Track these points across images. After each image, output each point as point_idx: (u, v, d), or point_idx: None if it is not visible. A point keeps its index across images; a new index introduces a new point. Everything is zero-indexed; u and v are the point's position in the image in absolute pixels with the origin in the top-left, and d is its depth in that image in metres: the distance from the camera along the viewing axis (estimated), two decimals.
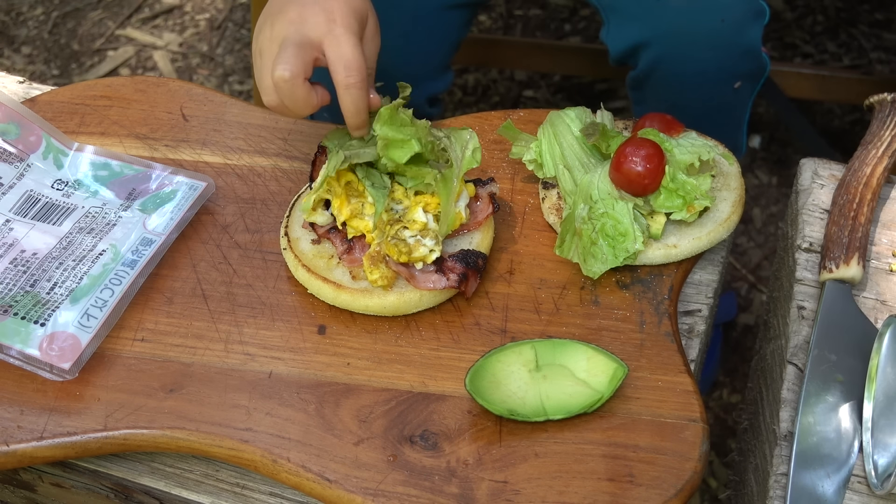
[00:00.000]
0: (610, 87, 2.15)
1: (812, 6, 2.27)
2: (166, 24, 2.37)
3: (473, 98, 2.16)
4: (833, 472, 0.83)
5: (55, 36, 2.36)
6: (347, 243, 0.93)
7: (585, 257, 0.92)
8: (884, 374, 0.84)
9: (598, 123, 0.97)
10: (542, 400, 0.84)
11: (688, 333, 0.94)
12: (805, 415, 0.85)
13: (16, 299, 0.91)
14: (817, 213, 1.01)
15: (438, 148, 0.93)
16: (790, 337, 0.92)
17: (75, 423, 0.85)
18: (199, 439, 0.84)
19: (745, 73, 1.25)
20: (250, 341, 0.91)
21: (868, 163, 0.99)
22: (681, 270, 0.95)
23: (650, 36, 1.22)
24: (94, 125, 1.10)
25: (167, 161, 1.06)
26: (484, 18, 2.30)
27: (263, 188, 1.04)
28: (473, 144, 0.93)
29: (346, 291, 0.91)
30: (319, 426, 0.84)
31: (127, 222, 0.98)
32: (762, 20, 1.23)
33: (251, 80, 2.19)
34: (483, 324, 0.91)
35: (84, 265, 0.94)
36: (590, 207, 0.93)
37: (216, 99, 1.13)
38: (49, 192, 1.01)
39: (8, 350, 0.89)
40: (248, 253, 0.98)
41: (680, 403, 0.84)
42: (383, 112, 0.88)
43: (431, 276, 0.91)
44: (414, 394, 0.86)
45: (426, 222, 0.92)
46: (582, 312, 0.92)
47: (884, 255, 0.97)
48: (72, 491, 0.93)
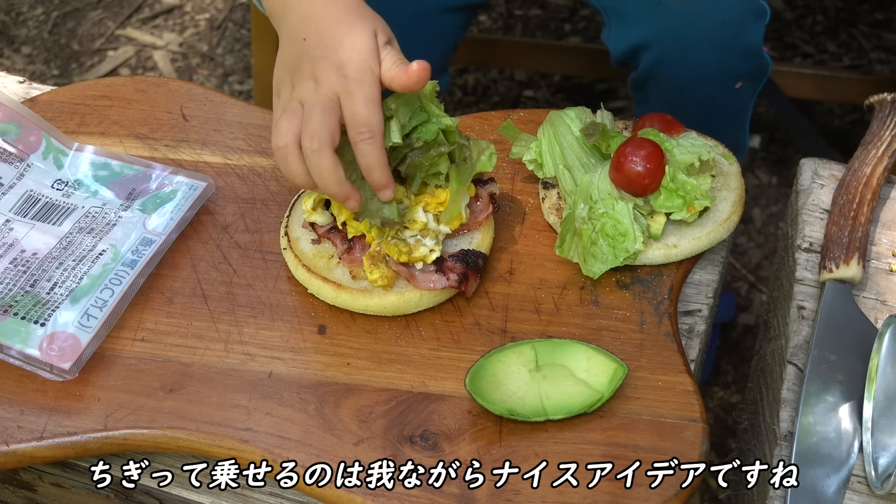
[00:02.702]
0: (610, 87, 2.15)
1: (812, 6, 2.27)
2: (166, 24, 2.37)
3: (473, 98, 2.16)
4: (833, 472, 0.83)
5: (55, 36, 2.36)
6: (347, 243, 0.93)
7: (585, 257, 0.92)
8: (884, 374, 0.84)
9: (598, 123, 0.97)
10: (542, 400, 0.84)
11: (688, 333, 0.94)
12: (805, 415, 0.85)
13: (16, 299, 0.91)
14: (817, 213, 1.01)
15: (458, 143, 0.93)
16: (790, 337, 0.92)
17: (75, 423, 0.85)
18: (199, 439, 0.84)
19: (746, 73, 1.25)
20: (250, 341, 0.91)
21: (868, 163, 0.99)
22: (681, 270, 0.95)
23: (651, 37, 1.22)
24: (94, 125, 1.10)
25: (167, 161, 1.06)
26: (484, 18, 2.30)
27: (263, 188, 1.04)
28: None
29: (346, 291, 0.91)
30: (319, 426, 0.84)
31: (127, 222, 0.98)
32: (763, 20, 1.23)
33: (251, 80, 2.19)
34: (483, 324, 0.91)
35: (84, 265, 0.94)
36: (590, 207, 0.93)
37: (216, 99, 1.13)
38: (49, 192, 1.01)
39: (8, 350, 0.89)
40: (248, 253, 0.98)
41: (680, 403, 0.84)
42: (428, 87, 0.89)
43: (431, 276, 0.91)
44: (414, 394, 0.86)
45: (426, 222, 0.92)
46: (582, 312, 0.92)
47: (884, 255, 0.97)
48: (72, 491, 0.93)
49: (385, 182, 0.87)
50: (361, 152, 0.86)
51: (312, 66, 0.88)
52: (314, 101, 0.86)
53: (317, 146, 0.85)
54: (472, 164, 0.93)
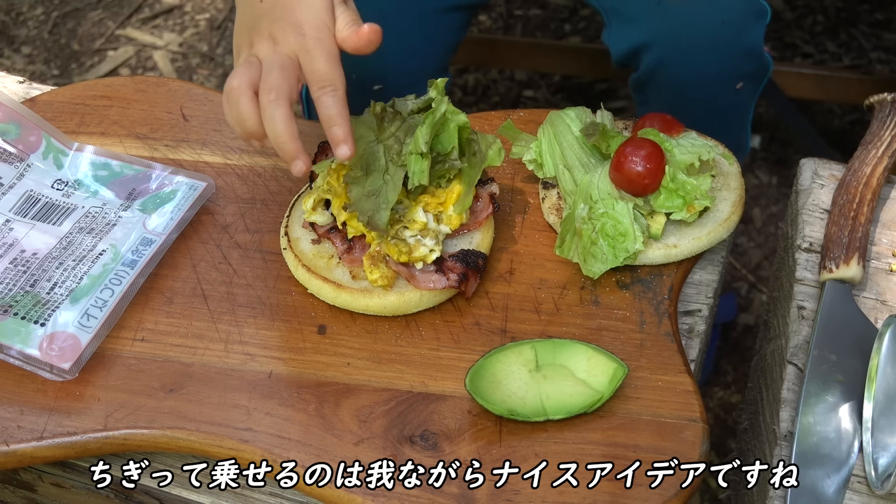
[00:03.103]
0: (610, 87, 2.15)
1: (812, 6, 2.27)
2: (166, 24, 2.37)
3: (473, 98, 2.16)
4: (833, 472, 0.83)
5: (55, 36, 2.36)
6: (347, 243, 0.93)
7: (585, 257, 0.92)
8: (884, 374, 0.84)
9: (598, 123, 0.97)
10: (542, 400, 0.84)
11: (688, 333, 0.94)
12: (805, 415, 0.85)
13: (16, 299, 0.91)
14: (817, 213, 1.01)
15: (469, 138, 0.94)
16: (790, 337, 0.92)
17: (75, 423, 0.85)
18: (199, 439, 0.84)
19: (746, 73, 1.25)
20: (250, 341, 0.91)
21: (868, 163, 0.99)
22: (681, 270, 0.95)
23: (651, 38, 1.22)
24: (94, 125, 1.10)
25: (167, 161, 1.06)
26: (484, 18, 2.30)
27: (263, 188, 1.04)
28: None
29: (346, 291, 0.91)
30: (319, 426, 0.84)
31: (127, 222, 0.98)
32: (763, 21, 1.23)
33: None
34: (483, 324, 0.91)
35: (84, 265, 0.94)
36: (590, 207, 0.93)
37: (216, 99, 1.13)
38: (49, 192, 1.01)
39: (8, 350, 0.89)
40: (248, 253, 0.98)
41: (680, 403, 0.84)
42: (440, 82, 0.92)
43: (431, 276, 0.91)
44: (414, 394, 0.86)
45: (426, 222, 0.92)
46: (582, 312, 0.92)
47: (884, 255, 0.97)
48: (72, 491, 0.93)
49: (344, 135, 0.85)
50: (324, 104, 0.86)
51: (270, 27, 0.90)
52: (273, 60, 0.88)
53: (274, 97, 0.85)
54: (482, 159, 0.93)
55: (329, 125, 0.85)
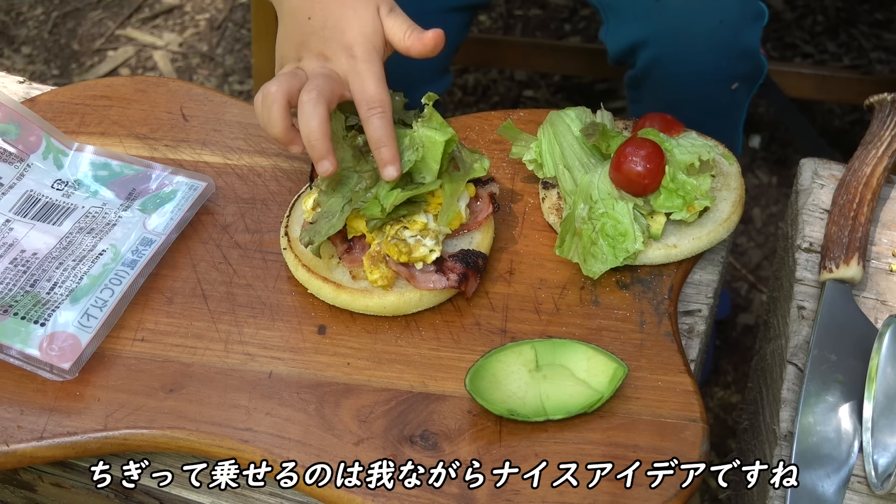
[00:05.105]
0: (610, 87, 2.15)
1: (812, 6, 2.27)
2: (166, 24, 2.37)
3: (473, 98, 2.16)
4: (833, 472, 0.83)
5: (55, 36, 2.36)
6: (347, 243, 0.93)
7: (585, 257, 0.92)
8: (884, 374, 0.84)
9: (598, 123, 0.97)
10: (542, 400, 0.84)
11: (688, 333, 0.94)
12: (805, 415, 0.85)
13: (16, 299, 0.91)
14: (817, 213, 1.01)
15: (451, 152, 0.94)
16: (790, 337, 0.92)
17: (75, 423, 0.85)
18: (199, 439, 0.84)
19: (742, 74, 1.25)
20: (250, 341, 0.91)
21: (868, 163, 0.99)
22: (681, 270, 0.95)
23: (648, 36, 1.22)
24: (94, 125, 1.10)
25: (167, 161, 1.06)
26: (484, 18, 2.30)
27: (263, 188, 1.04)
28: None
29: (346, 291, 0.91)
30: (319, 426, 0.84)
31: (127, 222, 0.98)
32: (761, 22, 1.23)
33: (251, 80, 2.19)
34: (483, 324, 0.91)
35: (84, 265, 0.94)
36: (590, 207, 0.93)
37: (216, 99, 1.13)
38: (49, 192, 1.01)
39: (8, 350, 0.89)
40: (248, 253, 0.98)
41: (680, 403, 0.84)
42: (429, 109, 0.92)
43: (431, 276, 0.91)
44: (414, 394, 0.86)
45: (426, 222, 0.92)
46: (582, 312, 0.92)
47: (884, 255, 0.97)
48: (72, 491, 0.93)
49: (392, 157, 0.89)
50: (373, 125, 0.89)
51: (321, 46, 0.93)
52: (321, 71, 0.91)
53: (315, 96, 0.87)
54: (466, 171, 0.94)
55: (378, 146, 0.89)
